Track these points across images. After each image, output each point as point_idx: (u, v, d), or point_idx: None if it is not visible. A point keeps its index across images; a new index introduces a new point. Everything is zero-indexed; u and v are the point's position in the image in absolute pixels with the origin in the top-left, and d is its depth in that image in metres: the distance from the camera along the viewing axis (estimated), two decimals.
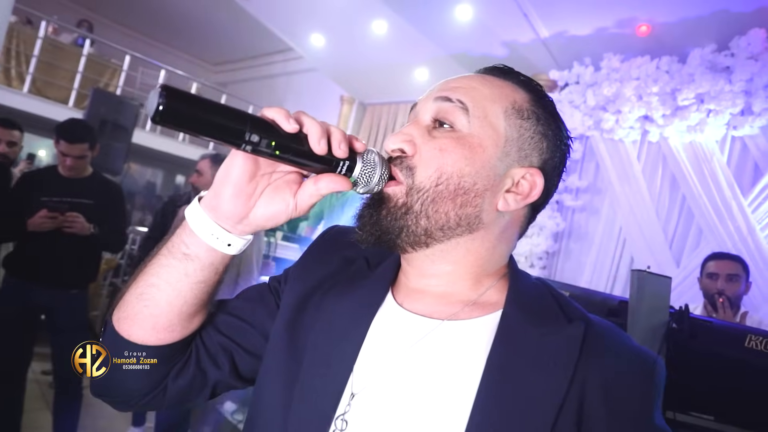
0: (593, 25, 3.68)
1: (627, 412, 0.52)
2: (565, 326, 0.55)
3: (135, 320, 0.58)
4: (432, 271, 0.61)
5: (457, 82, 0.61)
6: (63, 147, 2.37)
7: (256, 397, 0.64)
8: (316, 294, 0.64)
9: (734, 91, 3.08)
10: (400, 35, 4.80)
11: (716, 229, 3.31)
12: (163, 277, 0.57)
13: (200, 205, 0.55)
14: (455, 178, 0.56)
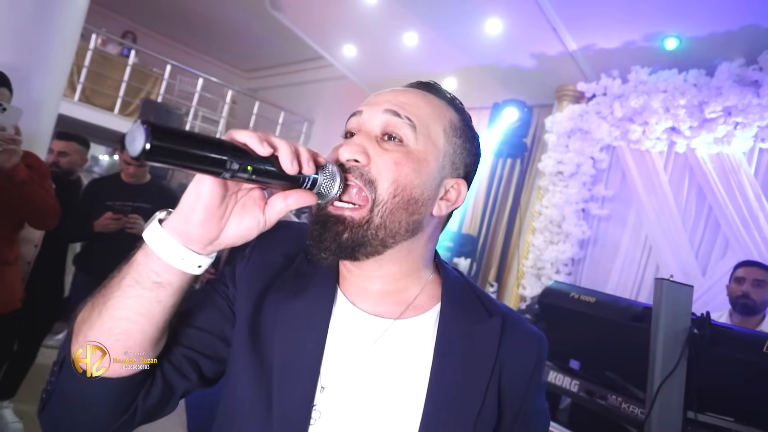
0: (621, 38, 3.75)
1: (526, 374, 0.69)
2: (488, 320, 0.69)
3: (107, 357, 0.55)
4: (379, 273, 0.67)
5: (404, 98, 0.66)
6: (127, 156, 2.61)
7: (229, 399, 0.66)
8: (269, 295, 0.68)
9: (762, 104, 3.11)
10: (430, 46, 4.95)
11: (743, 238, 3.34)
12: (134, 309, 0.54)
13: (165, 231, 0.53)
14: (408, 189, 0.63)
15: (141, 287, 0.53)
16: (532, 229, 4.47)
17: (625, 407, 1.93)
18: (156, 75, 6.70)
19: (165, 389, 0.62)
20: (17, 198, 1.86)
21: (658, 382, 1.70)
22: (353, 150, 0.62)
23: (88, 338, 0.55)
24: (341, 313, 0.66)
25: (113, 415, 0.58)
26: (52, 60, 2.73)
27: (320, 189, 0.58)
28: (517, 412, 0.68)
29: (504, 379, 0.67)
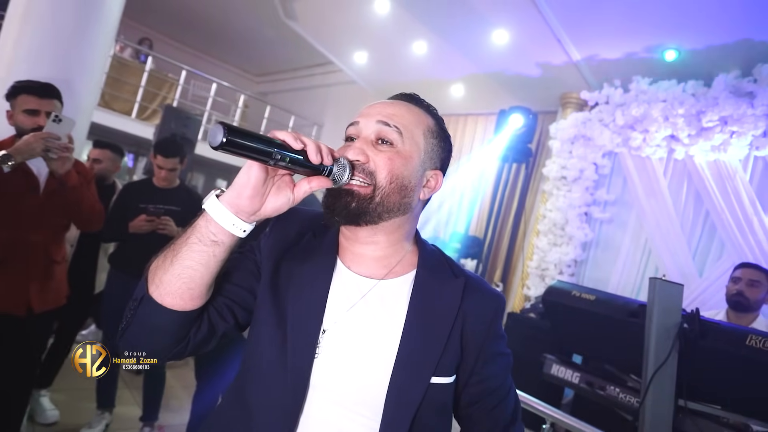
0: (623, 49, 3.90)
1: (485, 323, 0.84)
2: (453, 279, 0.85)
3: (176, 294, 0.72)
4: (372, 240, 0.84)
5: (391, 109, 0.83)
6: (160, 161, 2.75)
7: (255, 338, 0.84)
8: (284, 261, 0.84)
9: (756, 114, 3.26)
10: (438, 54, 5.09)
11: (738, 242, 3.48)
12: (196, 259, 0.71)
13: (221, 204, 0.70)
14: (400, 178, 0.80)
15: (202, 244, 0.70)
16: (536, 232, 4.61)
17: (622, 397, 2.06)
18: (171, 80, 6.89)
19: (209, 328, 0.79)
20: (68, 202, 1.99)
21: (651, 373, 1.82)
22: (356, 152, 0.79)
23: (163, 280, 0.72)
24: (339, 275, 0.83)
25: (173, 342, 0.76)
26: (88, 71, 2.92)
27: (334, 176, 0.74)
28: (478, 355, 0.84)
29: (466, 328, 0.82)
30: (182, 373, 3.95)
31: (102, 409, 2.91)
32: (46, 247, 2.01)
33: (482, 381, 0.85)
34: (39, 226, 1.96)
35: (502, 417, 0.87)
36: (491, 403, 0.87)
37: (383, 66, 5.90)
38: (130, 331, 0.75)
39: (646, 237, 4.10)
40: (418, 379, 0.77)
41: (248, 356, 0.84)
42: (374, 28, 5.07)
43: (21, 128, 1.88)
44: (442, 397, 0.80)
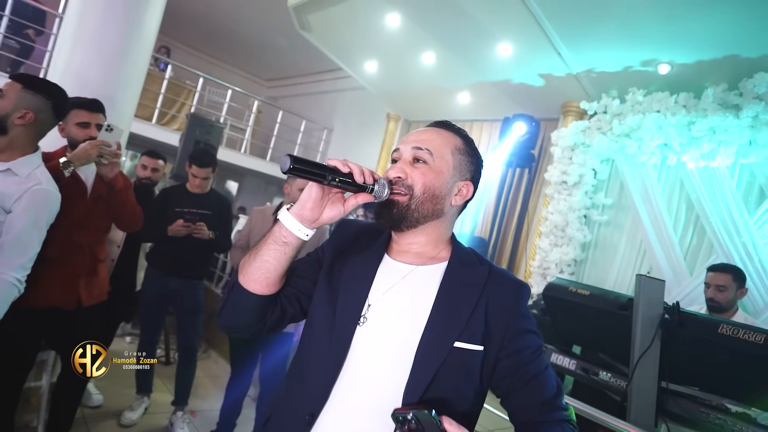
0: (620, 63, 4.12)
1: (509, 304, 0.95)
2: (479, 267, 0.98)
3: (257, 281, 0.92)
4: (413, 240, 0.99)
5: (424, 136, 0.99)
6: (195, 170, 2.98)
7: (310, 314, 1.01)
8: (341, 255, 1.03)
9: (741, 125, 3.47)
10: (446, 64, 5.30)
11: (725, 243, 3.69)
12: (272, 255, 0.90)
13: (290, 214, 0.89)
14: (432, 189, 0.95)
15: (276, 244, 0.90)
16: (538, 233, 4.80)
17: (613, 381, 2.21)
18: (189, 87, 7.17)
19: (281, 312, 1.00)
20: (114, 203, 2.17)
21: (636, 358, 2.02)
22: (397, 171, 0.97)
23: (248, 271, 0.92)
24: (384, 263, 1.00)
25: (254, 321, 0.96)
26: (129, 87, 3.20)
27: (375, 193, 0.91)
28: (505, 331, 0.94)
29: (490, 307, 0.94)
30: (206, 365, 4.23)
31: (141, 393, 3.17)
32: (92, 247, 2.17)
33: (512, 354, 0.94)
34: (86, 228, 2.11)
35: (541, 391, 0.94)
36: (525, 377, 0.94)
37: (392, 74, 6.09)
38: (224, 311, 0.97)
39: (641, 238, 4.28)
40: (443, 341, 0.90)
41: (305, 335, 1.02)
42: (385, 39, 5.27)
43: (74, 139, 2.06)
44: (466, 361, 0.91)
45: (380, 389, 0.90)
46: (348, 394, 0.90)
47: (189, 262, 3.06)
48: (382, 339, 0.92)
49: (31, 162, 1.68)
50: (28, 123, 1.64)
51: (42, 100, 1.67)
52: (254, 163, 7.94)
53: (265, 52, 8.69)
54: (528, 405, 0.94)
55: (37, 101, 1.66)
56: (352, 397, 0.90)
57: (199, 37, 8.49)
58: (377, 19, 4.90)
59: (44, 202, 1.66)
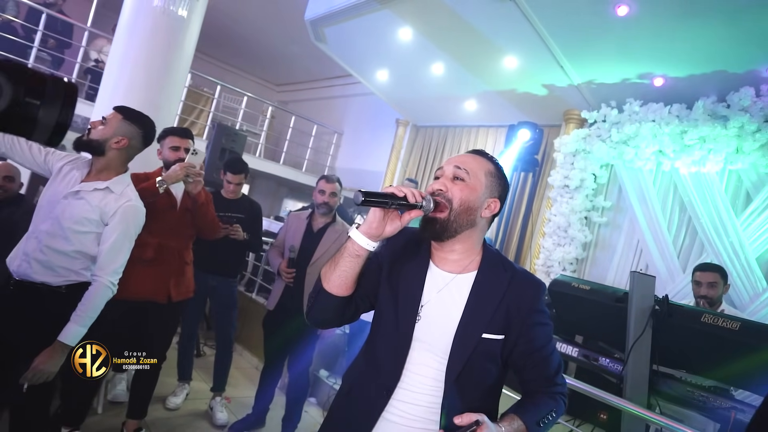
0: (618, 75, 4.36)
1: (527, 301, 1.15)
2: (503, 273, 1.17)
3: (338, 286, 1.13)
4: (453, 248, 1.18)
5: (463, 159, 1.19)
6: (229, 177, 3.26)
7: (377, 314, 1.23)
8: (396, 262, 1.21)
9: (729, 135, 3.71)
10: (454, 75, 5.54)
11: (714, 243, 3.92)
12: (348, 266, 1.11)
13: (359, 232, 1.09)
14: (467, 203, 1.13)
15: (351, 257, 1.11)
16: (542, 233, 5.02)
17: (611, 365, 2.45)
18: (207, 95, 7.45)
19: (355, 308, 1.22)
20: (198, 215, 2.51)
21: (631, 344, 2.25)
22: (440, 184, 1.16)
23: (330, 278, 1.13)
24: (431, 271, 1.20)
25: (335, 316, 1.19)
26: (171, 102, 3.51)
27: (424, 208, 1.11)
28: (523, 323, 1.15)
29: (511, 304, 1.14)
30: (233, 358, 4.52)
31: (183, 381, 3.48)
32: (181, 251, 2.55)
33: (528, 342, 1.16)
34: (176, 235, 2.50)
35: (546, 369, 1.17)
36: (537, 359, 1.17)
37: (403, 83, 6.32)
38: (313, 311, 1.20)
39: (638, 238, 4.50)
40: (473, 333, 1.13)
41: (374, 325, 1.25)
42: (397, 51, 5.51)
43: (167, 160, 2.42)
44: (491, 349, 1.14)
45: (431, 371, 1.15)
46: (411, 374, 1.16)
47: (225, 262, 3.33)
48: (433, 332, 1.15)
49: (123, 181, 1.95)
50: (122, 148, 1.92)
51: (135, 129, 1.94)
52: (267, 166, 8.19)
53: (278, 59, 8.89)
54: (535, 379, 1.18)
55: (132, 130, 1.93)
56: (414, 376, 1.16)
57: (216, 44, 8.66)
58: (390, 32, 5.13)
59: (133, 217, 1.93)
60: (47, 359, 1.70)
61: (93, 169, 1.91)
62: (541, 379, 1.18)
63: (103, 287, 1.83)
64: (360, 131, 8.61)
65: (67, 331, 1.74)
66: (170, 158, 2.42)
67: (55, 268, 1.81)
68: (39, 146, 1.91)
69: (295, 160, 8.91)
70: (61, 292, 1.82)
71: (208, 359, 4.22)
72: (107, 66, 3.37)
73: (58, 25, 6.02)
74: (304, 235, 3.10)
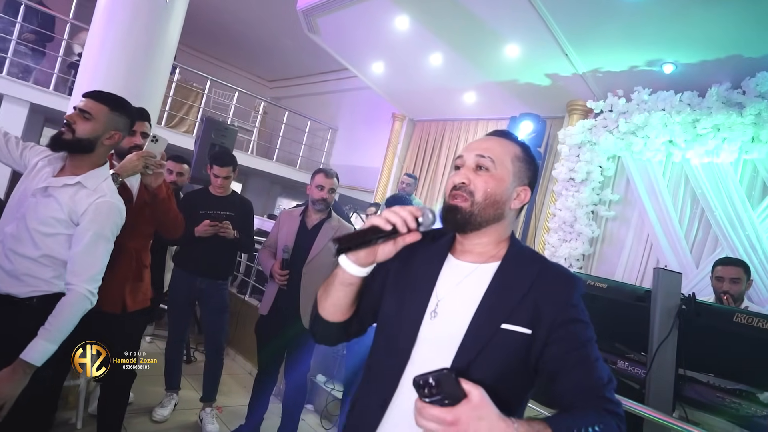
0: (626, 63, 4.23)
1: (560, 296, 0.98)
2: (531, 264, 1.02)
3: (333, 314, 1.07)
4: (476, 242, 1.05)
5: (486, 144, 1.05)
6: (216, 170, 3.04)
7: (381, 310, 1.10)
8: (407, 260, 1.08)
9: (745, 123, 3.57)
10: (453, 65, 5.39)
11: (730, 237, 3.80)
12: (341, 295, 1.04)
13: (349, 260, 0.98)
14: (492, 196, 1.01)
15: (343, 285, 1.02)
16: (546, 229, 4.91)
17: (631, 369, 2.31)
18: (197, 90, 7.23)
19: (359, 326, 1.13)
20: (158, 212, 2.19)
21: (655, 347, 2.09)
22: (461, 177, 1.03)
23: (324, 306, 1.06)
24: (449, 262, 1.07)
25: (340, 337, 1.13)
26: (154, 94, 3.29)
27: (422, 227, 0.98)
28: (554, 319, 0.95)
29: (540, 299, 0.97)
30: (226, 363, 4.31)
31: (170, 390, 3.27)
32: (139, 253, 2.22)
33: (561, 340, 0.95)
34: (133, 234, 2.12)
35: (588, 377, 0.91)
36: (574, 361, 0.93)
37: (399, 75, 6.17)
38: (313, 331, 1.14)
39: (648, 232, 4.38)
40: (490, 322, 0.97)
41: (376, 331, 1.14)
42: (393, 41, 5.36)
43: (120, 147, 2.06)
44: (513, 342, 0.96)
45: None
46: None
47: (215, 263, 3.13)
48: (445, 328, 1.00)
49: (99, 175, 1.72)
50: (115, 143, 1.71)
51: (124, 120, 1.73)
52: (260, 163, 8.00)
53: (270, 53, 8.74)
54: (572, 390, 0.90)
55: (121, 121, 1.72)
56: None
57: (205, 39, 8.53)
58: (386, 21, 4.99)
59: (107, 214, 1.70)
60: (6, 381, 1.47)
61: (68, 164, 1.69)
62: (581, 389, 0.89)
63: (78, 297, 1.61)
64: (355, 127, 8.46)
65: (32, 348, 1.50)
66: (124, 145, 2.08)
67: (22, 276, 1.60)
68: (17, 139, 1.73)
69: (288, 157, 8.72)
70: (32, 306, 1.62)
71: (199, 365, 4.02)
72: (84, 55, 3.14)
73: (38, 17, 5.77)
74: (297, 233, 2.90)
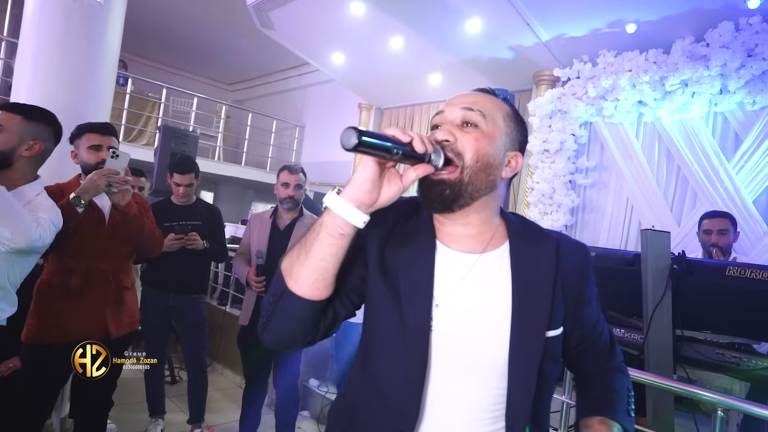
0: (588, 27, 4.16)
1: (579, 273, 0.90)
2: (545, 241, 0.90)
3: (314, 285, 0.78)
4: (468, 220, 0.87)
5: (473, 98, 0.88)
6: (177, 178, 2.89)
7: (372, 320, 0.89)
8: (388, 244, 0.88)
9: (712, 75, 3.53)
10: (415, 48, 5.26)
11: (708, 191, 3.78)
12: (328, 252, 0.76)
13: (344, 199, 0.75)
14: (485, 157, 0.83)
15: (333, 238, 0.76)
16: (526, 204, 4.83)
17: (627, 336, 2.30)
18: (153, 99, 6.95)
19: (334, 315, 0.86)
20: (131, 231, 2.08)
21: (651, 311, 2.06)
22: (445, 133, 0.84)
23: (301, 275, 0.77)
24: (441, 254, 0.87)
25: (309, 329, 0.83)
26: (99, 105, 3.07)
27: (433, 162, 0.78)
28: (578, 302, 0.91)
29: (566, 282, 0.88)
30: (213, 378, 4.15)
31: (155, 416, 3.10)
32: (117, 275, 2.11)
33: (584, 324, 0.94)
34: (108, 256, 2.06)
35: (605, 348, 0.98)
36: (593, 339, 0.96)
37: (361, 64, 6.02)
38: (272, 324, 0.82)
39: (627, 196, 4.35)
40: (535, 335, 0.83)
41: (368, 336, 0.91)
42: (350, 29, 5.19)
43: (86, 164, 2.00)
44: (555, 348, 0.87)
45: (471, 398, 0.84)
46: (438, 406, 0.84)
47: (187, 277, 2.98)
48: (461, 346, 0.84)
49: (33, 189, 1.63)
50: (35, 154, 1.61)
51: (44, 128, 1.63)
52: (228, 169, 7.78)
53: (226, 55, 8.50)
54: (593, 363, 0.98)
55: (41, 130, 1.63)
56: (443, 408, 0.84)
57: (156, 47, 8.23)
58: (341, 9, 4.82)
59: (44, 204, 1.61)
60: None
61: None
62: (601, 360, 0.99)
63: None
64: (322, 122, 8.30)
65: None
66: (91, 160, 2.00)
67: None
68: None
69: (257, 160, 8.51)
70: None
71: (185, 385, 3.84)
72: (16, 70, 2.90)
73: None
74: (270, 236, 2.76)
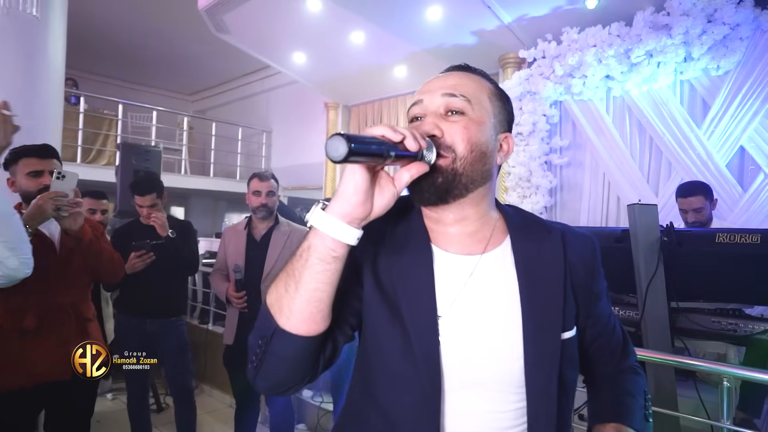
0: (549, 5, 4.14)
1: (588, 266, 0.84)
2: (548, 234, 0.82)
3: (310, 320, 0.67)
4: (464, 215, 0.79)
5: (452, 81, 0.79)
6: (138, 200, 2.74)
7: (372, 339, 0.79)
8: (380, 256, 0.79)
9: (675, 43, 3.55)
10: (377, 41, 5.17)
11: (681, 159, 3.82)
12: (321, 281, 0.65)
13: (333, 216, 0.64)
14: (478, 146, 0.76)
15: (325, 263, 0.65)
16: (504, 189, 4.81)
17: (623, 313, 2.27)
18: (109, 117, 6.65)
19: (333, 346, 0.76)
20: (87, 257, 1.93)
21: (644, 285, 2.03)
22: (430, 127, 0.75)
23: (293, 309, 0.66)
24: (439, 259, 0.79)
25: (308, 368, 0.72)
26: (48, 126, 2.87)
27: (426, 159, 0.70)
28: (589, 298, 0.85)
29: (575, 277, 0.82)
30: (202, 400, 4.00)
31: None
32: (76, 307, 1.95)
33: (597, 321, 0.87)
34: (65, 288, 1.91)
35: (618, 346, 0.92)
36: (606, 337, 0.90)
37: (324, 62, 5.90)
38: (265, 369, 0.71)
39: (603, 172, 4.38)
40: (550, 339, 0.76)
41: (367, 359, 0.81)
42: (309, 26, 5.07)
43: (27, 192, 1.82)
44: (572, 351, 0.80)
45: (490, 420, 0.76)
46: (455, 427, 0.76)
47: (163, 300, 2.84)
48: (471, 357, 0.76)
49: None
50: None
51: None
52: (197, 182, 7.54)
53: (183, 64, 8.21)
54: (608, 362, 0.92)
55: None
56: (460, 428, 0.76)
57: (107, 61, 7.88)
58: (297, 6, 4.67)
59: None
60: None
61: None
62: (614, 360, 0.92)
63: None
64: (289, 124, 8.12)
65: None
66: (31, 187, 1.82)
67: None
68: None
69: (226, 170, 8.28)
70: None
71: (172, 412, 3.69)
72: None
73: None
74: (246, 248, 2.63)
